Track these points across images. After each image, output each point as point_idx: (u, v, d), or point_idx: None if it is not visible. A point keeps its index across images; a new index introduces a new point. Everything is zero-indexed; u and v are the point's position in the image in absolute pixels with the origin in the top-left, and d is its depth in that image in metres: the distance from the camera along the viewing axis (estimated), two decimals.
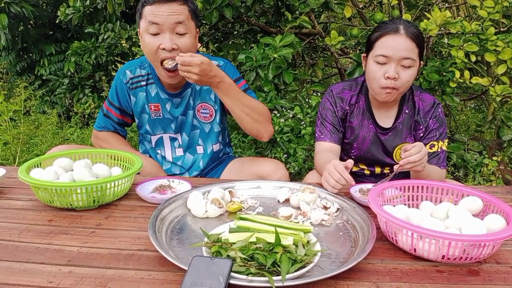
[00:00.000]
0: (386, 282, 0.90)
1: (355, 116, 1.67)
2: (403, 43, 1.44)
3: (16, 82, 4.47)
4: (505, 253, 1.04)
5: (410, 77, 1.47)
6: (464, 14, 3.76)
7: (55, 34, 4.39)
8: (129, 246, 1.03)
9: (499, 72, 2.27)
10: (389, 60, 1.45)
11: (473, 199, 1.15)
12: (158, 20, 1.44)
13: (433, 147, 1.60)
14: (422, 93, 1.63)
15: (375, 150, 1.67)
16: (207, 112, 1.74)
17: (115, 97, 1.73)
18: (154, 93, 1.70)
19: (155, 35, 1.47)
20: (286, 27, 2.72)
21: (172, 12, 1.46)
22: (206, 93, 1.73)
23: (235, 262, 0.87)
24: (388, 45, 1.45)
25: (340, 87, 1.69)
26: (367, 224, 1.10)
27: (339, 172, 1.29)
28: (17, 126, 3.69)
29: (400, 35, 1.44)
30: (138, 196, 1.33)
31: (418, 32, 1.47)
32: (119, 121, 1.76)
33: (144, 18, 1.49)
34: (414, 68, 1.47)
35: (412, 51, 1.45)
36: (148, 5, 1.47)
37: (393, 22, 1.49)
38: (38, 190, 1.22)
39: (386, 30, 1.47)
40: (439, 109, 1.61)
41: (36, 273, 0.91)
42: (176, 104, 1.71)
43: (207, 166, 1.79)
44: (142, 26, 1.52)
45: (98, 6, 3.37)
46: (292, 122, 2.60)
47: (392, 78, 1.45)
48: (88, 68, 3.96)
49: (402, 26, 1.46)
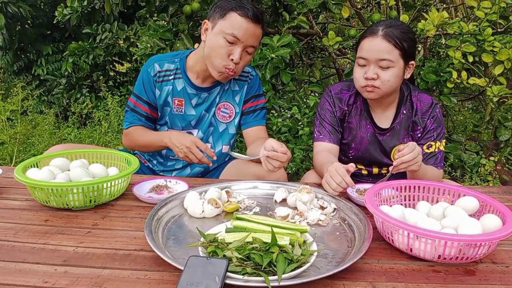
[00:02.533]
0: (382, 282, 0.90)
1: (353, 116, 1.67)
2: (378, 45, 1.47)
3: (13, 81, 4.46)
4: (501, 253, 1.04)
5: (391, 77, 1.48)
6: (462, 15, 3.77)
7: (52, 34, 4.38)
8: (125, 246, 1.03)
9: (496, 72, 2.27)
10: (368, 62, 1.49)
11: (469, 199, 1.15)
12: (240, 36, 1.50)
13: (430, 147, 1.60)
14: (420, 94, 1.64)
15: (373, 150, 1.67)
16: (227, 112, 1.74)
17: (142, 91, 1.69)
18: (181, 87, 1.69)
19: (230, 43, 1.52)
20: (284, 27, 2.72)
21: (252, 34, 1.53)
22: (233, 93, 1.74)
23: (231, 262, 0.87)
24: (365, 47, 1.49)
25: (339, 88, 1.69)
26: (363, 224, 1.10)
27: (341, 175, 1.29)
28: (14, 125, 3.68)
29: (377, 37, 1.47)
30: (134, 196, 1.33)
31: (400, 33, 1.47)
32: (147, 115, 1.71)
33: (228, 23, 1.51)
34: (395, 68, 1.48)
35: (389, 52, 1.46)
36: (236, 13, 1.50)
37: (376, 24, 1.52)
38: (34, 190, 1.22)
39: (365, 33, 1.52)
40: (437, 110, 1.61)
41: (31, 273, 0.90)
42: (203, 99, 1.70)
43: (209, 167, 1.79)
44: (220, 26, 1.52)
45: (96, 6, 3.37)
46: (290, 122, 2.61)
47: (370, 79, 1.48)
48: (86, 68, 3.95)
49: (381, 28, 1.48)
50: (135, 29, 3.45)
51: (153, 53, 2.74)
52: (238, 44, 1.52)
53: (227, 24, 1.51)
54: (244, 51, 1.55)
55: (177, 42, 2.78)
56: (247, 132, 1.76)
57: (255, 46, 1.58)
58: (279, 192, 1.34)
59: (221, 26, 1.52)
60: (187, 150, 1.52)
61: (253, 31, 1.52)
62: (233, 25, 1.50)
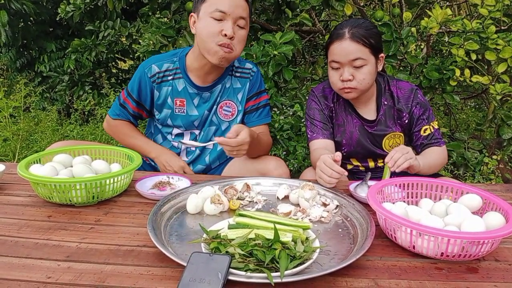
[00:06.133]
0: (385, 279, 0.90)
1: (339, 113, 1.71)
2: (347, 47, 1.50)
3: (16, 78, 4.46)
4: (504, 250, 1.04)
5: (366, 75, 1.53)
6: (465, 13, 3.76)
7: (55, 31, 4.38)
8: (128, 242, 1.03)
9: (499, 70, 2.27)
10: (341, 64, 1.53)
11: (472, 196, 1.15)
12: (226, 8, 1.49)
13: (426, 130, 1.65)
14: (398, 82, 1.68)
15: (364, 142, 1.71)
16: (230, 110, 1.73)
17: (135, 89, 1.69)
18: (181, 87, 1.68)
19: (218, 21, 1.50)
20: (286, 25, 2.71)
21: (237, 5, 1.51)
22: (234, 91, 1.73)
23: (234, 258, 0.87)
24: (336, 51, 1.53)
25: (321, 87, 1.74)
26: (366, 221, 1.10)
27: (329, 166, 1.32)
28: (17, 122, 3.69)
29: (345, 39, 1.50)
30: (137, 193, 1.33)
31: (365, 32, 1.51)
32: (134, 113, 1.73)
33: (210, 2, 1.51)
34: (368, 66, 1.52)
35: (360, 51, 1.50)
36: None
37: (340, 27, 1.54)
38: (38, 186, 1.22)
39: (332, 37, 1.55)
40: (418, 94, 1.65)
41: (35, 269, 0.91)
42: (205, 98, 1.69)
43: (213, 162, 1.78)
44: (204, 9, 1.52)
45: (99, 3, 3.37)
46: (292, 119, 2.61)
47: (347, 80, 1.52)
48: (88, 65, 3.95)
49: (347, 30, 1.51)
50: (137, 26, 3.45)
51: (156, 50, 2.74)
52: (227, 18, 1.50)
53: (209, 3, 1.50)
54: (236, 26, 1.53)
55: (179, 39, 2.78)
56: None
57: (244, 17, 1.54)
58: (282, 189, 1.34)
59: (204, 9, 1.52)
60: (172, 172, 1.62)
61: (237, 1, 1.51)
62: (215, 1, 1.49)
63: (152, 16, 3.18)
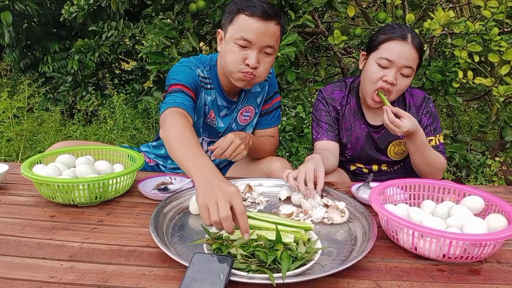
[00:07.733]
0: (387, 281, 0.90)
1: (347, 117, 1.70)
2: (408, 52, 1.46)
3: (19, 79, 4.48)
4: (506, 252, 1.03)
5: (405, 86, 1.51)
6: (468, 15, 3.75)
7: (59, 32, 4.40)
8: (131, 242, 1.04)
9: (502, 72, 2.26)
10: (392, 65, 1.47)
11: (474, 198, 1.15)
12: (252, 38, 1.37)
13: (431, 141, 1.62)
14: (412, 89, 1.66)
15: (368, 149, 1.69)
16: (248, 115, 1.70)
17: (186, 80, 1.48)
18: (212, 98, 1.60)
19: (243, 47, 1.40)
20: (289, 26, 2.72)
21: (265, 33, 1.38)
22: (254, 96, 1.68)
23: (236, 259, 0.87)
24: (395, 50, 1.46)
25: (330, 89, 1.72)
26: (368, 222, 1.10)
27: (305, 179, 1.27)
28: (20, 123, 3.71)
29: (408, 43, 1.46)
30: (140, 193, 1.34)
31: (421, 43, 1.50)
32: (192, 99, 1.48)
33: (237, 27, 1.39)
34: (411, 78, 1.51)
35: (414, 61, 1.48)
36: (244, 14, 1.38)
37: (401, 28, 1.50)
38: (41, 186, 1.23)
39: (394, 35, 1.48)
40: (430, 104, 1.63)
41: (38, 268, 0.91)
42: (231, 109, 1.65)
43: (221, 162, 1.78)
44: (230, 32, 1.41)
45: (102, 4, 3.38)
46: (294, 121, 2.61)
47: (390, 83, 1.48)
48: (92, 66, 3.96)
49: (410, 35, 1.47)
50: (140, 27, 3.46)
51: (159, 51, 2.74)
52: (252, 47, 1.39)
53: (236, 28, 1.39)
54: (262, 53, 1.42)
55: (182, 40, 2.79)
56: (257, 132, 1.75)
57: (272, 45, 1.42)
58: (284, 190, 1.34)
59: (231, 32, 1.41)
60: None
61: (265, 29, 1.37)
62: (241, 27, 1.37)
63: (155, 17, 3.19)
